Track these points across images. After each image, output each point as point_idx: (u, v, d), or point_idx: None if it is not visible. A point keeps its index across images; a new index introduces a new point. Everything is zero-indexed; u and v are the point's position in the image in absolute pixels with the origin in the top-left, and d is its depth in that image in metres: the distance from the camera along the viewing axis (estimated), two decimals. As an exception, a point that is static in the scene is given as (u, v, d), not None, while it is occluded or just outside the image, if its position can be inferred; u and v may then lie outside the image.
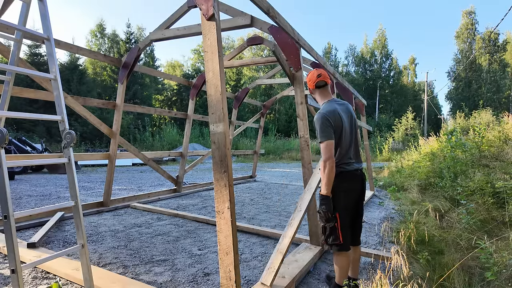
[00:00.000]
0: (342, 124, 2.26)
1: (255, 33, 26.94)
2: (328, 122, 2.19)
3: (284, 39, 3.52)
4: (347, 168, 2.28)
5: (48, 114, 2.06)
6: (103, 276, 2.47)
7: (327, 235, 2.19)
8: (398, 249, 2.01)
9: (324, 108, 2.30)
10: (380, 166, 13.00)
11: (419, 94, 42.72)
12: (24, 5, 2.15)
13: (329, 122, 2.19)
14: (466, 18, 37.64)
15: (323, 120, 2.19)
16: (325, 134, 2.17)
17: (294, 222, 2.50)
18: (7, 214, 1.65)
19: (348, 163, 2.29)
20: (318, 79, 2.37)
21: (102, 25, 31.32)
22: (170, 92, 33.04)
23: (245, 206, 5.73)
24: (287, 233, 2.45)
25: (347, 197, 2.26)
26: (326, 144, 2.15)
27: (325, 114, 2.21)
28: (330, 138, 2.17)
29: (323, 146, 2.16)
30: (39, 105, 19.47)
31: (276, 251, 2.38)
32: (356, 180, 2.33)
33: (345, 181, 2.25)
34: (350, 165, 2.30)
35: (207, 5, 1.89)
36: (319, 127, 2.20)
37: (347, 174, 2.27)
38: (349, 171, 2.28)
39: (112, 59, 5.27)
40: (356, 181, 2.33)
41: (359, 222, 2.44)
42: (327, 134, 2.17)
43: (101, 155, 5.20)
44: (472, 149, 6.35)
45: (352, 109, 2.51)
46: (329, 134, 2.17)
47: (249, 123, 9.16)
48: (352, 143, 2.34)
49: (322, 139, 2.17)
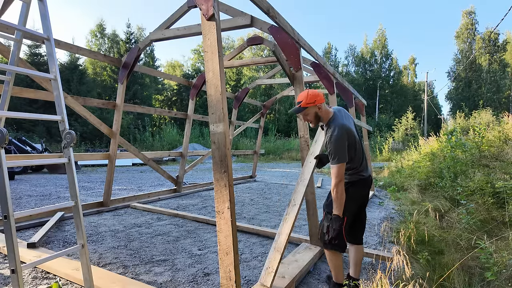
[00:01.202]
0: (355, 136, 2.29)
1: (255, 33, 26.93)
2: (343, 142, 2.16)
3: (284, 39, 3.52)
4: (364, 175, 2.36)
5: (48, 114, 2.06)
6: (103, 276, 2.47)
7: (333, 237, 2.20)
8: (400, 249, 2.01)
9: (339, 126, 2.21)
10: (380, 166, 13.00)
11: (419, 94, 42.72)
12: (24, 5, 2.15)
13: (345, 141, 2.17)
14: (466, 18, 37.64)
15: (340, 141, 2.15)
16: (340, 156, 2.14)
17: (289, 217, 2.44)
18: (7, 214, 1.65)
19: (364, 170, 2.36)
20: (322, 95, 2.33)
21: (102, 25, 31.31)
22: (170, 92, 33.04)
23: (245, 206, 5.73)
24: (283, 230, 2.40)
25: (357, 203, 2.36)
26: (339, 167, 2.14)
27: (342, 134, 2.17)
28: (343, 160, 2.16)
29: (336, 168, 2.14)
30: (39, 105, 19.47)
31: (273, 250, 2.36)
32: (368, 186, 2.41)
33: (362, 188, 2.35)
34: (366, 171, 2.37)
35: (207, 5, 1.89)
36: (334, 148, 2.15)
37: (363, 182, 2.35)
38: (365, 178, 2.36)
39: (112, 59, 5.27)
40: (369, 187, 2.42)
41: (363, 221, 2.49)
42: (342, 156, 2.15)
43: (101, 155, 5.19)
44: (472, 149, 6.35)
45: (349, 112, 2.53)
46: (343, 157, 2.15)
47: (249, 123, 9.16)
48: (362, 150, 2.38)
49: (336, 162, 2.15)
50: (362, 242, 2.48)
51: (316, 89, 2.85)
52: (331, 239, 2.20)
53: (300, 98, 2.29)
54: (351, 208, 2.29)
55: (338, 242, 2.20)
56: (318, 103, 2.26)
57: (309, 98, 2.25)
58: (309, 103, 2.25)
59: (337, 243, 2.21)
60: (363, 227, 2.51)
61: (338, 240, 2.20)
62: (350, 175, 2.35)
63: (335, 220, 2.19)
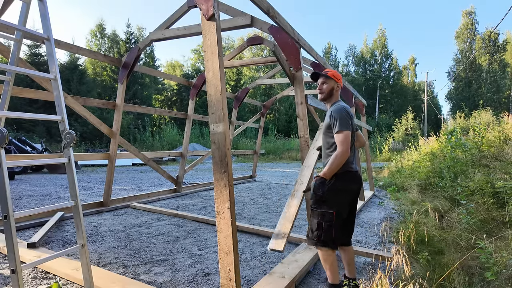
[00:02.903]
0: (353, 126, 2.31)
1: (255, 33, 26.93)
2: (348, 116, 2.21)
3: (284, 39, 3.52)
4: (353, 168, 2.29)
5: (48, 114, 2.06)
6: (103, 276, 2.47)
7: (322, 232, 2.16)
8: (399, 249, 2.01)
9: (344, 104, 2.31)
10: (380, 166, 13.00)
11: (419, 94, 42.71)
12: (24, 5, 2.15)
13: (350, 116, 2.22)
14: (466, 18, 37.64)
15: (345, 112, 2.20)
16: (346, 124, 2.15)
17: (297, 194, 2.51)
18: (7, 214, 1.65)
19: (353, 164, 2.31)
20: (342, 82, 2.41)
21: (102, 25, 31.31)
22: (170, 92, 33.04)
23: (245, 206, 5.73)
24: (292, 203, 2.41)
25: (347, 197, 2.26)
26: (346, 134, 2.13)
27: (346, 108, 2.24)
28: (349, 129, 2.16)
29: (343, 136, 2.12)
30: (39, 105, 19.48)
31: (283, 219, 2.35)
32: (358, 181, 2.33)
33: (350, 182, 2.26)
34: (354, 165, 2.32)
35: (207, 5, 1.89)
36: (339, 116, 2.17)
37: (352, 175, 2.28)
38: (354, 171, 2.30)
39: (112, 59, 5.27)
40: (358, 182, 2.34)
41: (352, 222, 2.43)
42: (347, 125, 2.16)
43: (101, 155, 5.20)
44: (472, 149, 6.35)
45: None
46: (349, 126, 2.17)
47: (249, 123, 9.16)
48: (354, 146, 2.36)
49: (342, 129, 2.13)
50: (351, 243, 2.44)
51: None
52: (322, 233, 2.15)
53: (328, 70, 2.42)
54: (342, 201, 2.22)
55: (328, 237, 2.15)
56: (338, 82, 2.39)
57: (336, 74, 2.38)
58: (334, 76, 2.37)
59: (327, 239, 2.15)
60: (353, 229, 2.47)
61: (329, 233, 2.15)
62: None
63: (321, 184, 2.15)
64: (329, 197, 2.17)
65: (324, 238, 2.16)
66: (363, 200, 5.93)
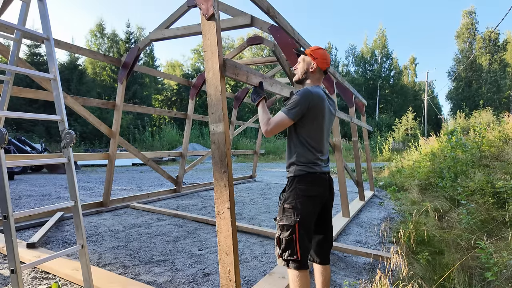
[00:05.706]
0: (322, 113, 1.90)
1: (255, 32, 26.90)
2: (306, 103, 1.82)
3: (284, 38, 3.52)
4: (315, 169, 1.88)
5: (47, 114, 2.06)
6: (103, 276, 2.47)
7: (282, 248, 1.81)
8: (398, 249, 2.00)
9: (313, 88, 1.91)
10: (380, 166, 13.00)
11: (419, 94, 42.69)
12: (24, 5, 2.15)
13: (307, 104, 1.83)
14: (466, 18, 37.63)
15: (304, 98, 1.82)
16: (292, 112, 1.82)
17: None
18: (7, 214, 1.65)
19: (316, 163, 1.89)
20: (328, 65, 2.01)
21: (102, 25, 31.27)
22: (170, 92, 33.03)
23: (245, 206, 5.73)
24: None
25: (311, 205, 1.84)
26: (283, 119, 1.83)
27: (311, 92, 1.85)
28: (290, 116, 1.83)
29: (279, 119, 1.83)
30: (39, 105, 19.49)
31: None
32: (323, 185, 1.91)
33: (312, 186, 1.85)
34: (318, 165, 1.90)
35: (207, 5, 1.89)
36: (295, 101, 1.83)
37: (314, 177, 1.87)
38: (317, 173, 1.88)
39: (111, 59, 5.26)
40: (324, 186, 1.92)
41: (328, 237, 2.01)
42: (294, 113, 1.82)
43: (101, 155, 5.19)
44: (472, 149, 6.35)
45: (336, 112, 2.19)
46: (294, 115, 1.83)
47: (249, 123, 9.16)
48: (325, 141, 1.98)
49: (285, 112, 1.83)
50: (329, 261, 2.02)
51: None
52: (282, 250, 1.81)
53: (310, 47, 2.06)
54: (304, 210, 1.80)
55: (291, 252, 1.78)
56: (316, 63, 1.96)
57: (315, 52, 1.97)
58: (311, 54, 1.97)
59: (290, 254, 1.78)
60: (330, 243, 2.03)
61: (290, 250, 1.78)
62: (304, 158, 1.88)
63: (254, 89, 1.99)
64: (289, 206, 1.82)
65: (286, 257, 1.80)
66: (364, 200, 5.93)
